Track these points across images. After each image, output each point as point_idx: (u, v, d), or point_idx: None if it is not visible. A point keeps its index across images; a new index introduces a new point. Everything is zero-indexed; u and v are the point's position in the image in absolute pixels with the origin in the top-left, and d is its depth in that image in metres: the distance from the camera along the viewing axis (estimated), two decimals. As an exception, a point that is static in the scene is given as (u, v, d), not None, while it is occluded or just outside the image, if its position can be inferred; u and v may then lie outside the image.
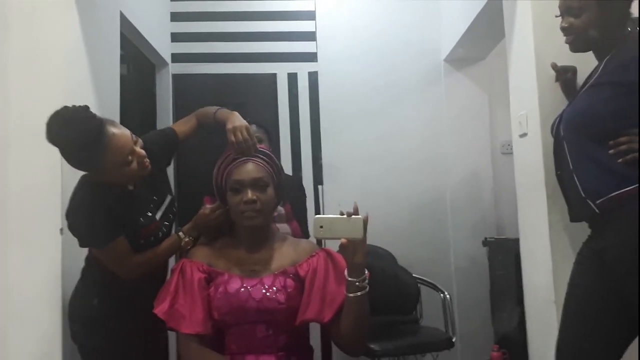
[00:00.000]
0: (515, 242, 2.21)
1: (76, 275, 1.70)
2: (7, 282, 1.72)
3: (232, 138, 1.56)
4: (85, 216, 1.53)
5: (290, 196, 2.22)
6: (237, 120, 1.63)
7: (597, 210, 1.41)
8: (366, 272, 1.34)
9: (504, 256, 2.82)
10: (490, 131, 3.29)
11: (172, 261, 1.76)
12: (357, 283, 1.32)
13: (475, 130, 3.26)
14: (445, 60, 3.27)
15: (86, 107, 1.47)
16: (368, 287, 1.34)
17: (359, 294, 1.33)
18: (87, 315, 1.65)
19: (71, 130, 1.40)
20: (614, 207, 1.38)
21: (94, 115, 1.46)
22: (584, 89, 1.55)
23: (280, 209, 1.78)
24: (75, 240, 1.73)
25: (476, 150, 3.25)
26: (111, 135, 1.45)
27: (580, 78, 1.75)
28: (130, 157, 1.50)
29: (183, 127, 1.83)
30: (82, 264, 1.71)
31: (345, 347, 1.49)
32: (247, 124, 1.61)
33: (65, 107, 1.46)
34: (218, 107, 1.78)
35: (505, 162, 3.24)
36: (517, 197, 2.12)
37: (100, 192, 1.54)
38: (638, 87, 1.36)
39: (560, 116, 1.59)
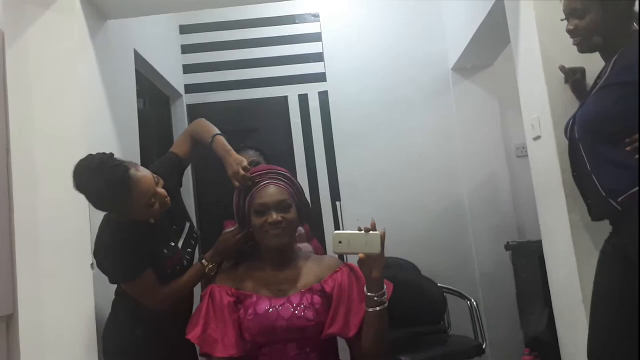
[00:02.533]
0: (538, 244, 2.21)
1: (108, 308, 1.74)
2: (41, 318, 1.76)
3: (236, 183, 1.60)
4: (112, 253, 1.58)
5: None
6: (232, 163, 1.63)
7: (619, 208, 1.42)
8: (384, 287, 1.36)
9: (527, 259, 2.81)
10: (503, 135, 3.30)
11: (197, 288, 1.79)
12: (375, 298, 1.35)
13: (488, 136, 3.28)
14: (453, 69, 3.31)
15: (111, 155, 1.51)
16: (387, 302, 1.37)
17: (377, 308, 1.36)
18: (120, 346, 1.68)
19: (98, 181, 1.44)
20: (635, 203, 1.39)
21: (119, 163, 1.49)
22: (594, 91, 1.57)
23: (300, 228, 1.81)
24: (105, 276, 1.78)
25: (491, 155, 3.26)
26: (136, 181, 1.49)
27: (589, 77, 1.77)
28: (153, 200, 1.54)
29: (182, 147, 1.84)
30: (113, 297, 1.76)
31: None
32: (241, 160, 1.62)
33: (91, 156, 1.50)
34: (215, 133, 1.76)
35: (521, 165, 3.24)
36: (536, 199, 2.12)
37: (125, 229, 1.58)
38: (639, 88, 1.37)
39: (573, 118, 1.61)
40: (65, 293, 1.78)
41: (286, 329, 1.42)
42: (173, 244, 1.71)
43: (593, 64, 1.67)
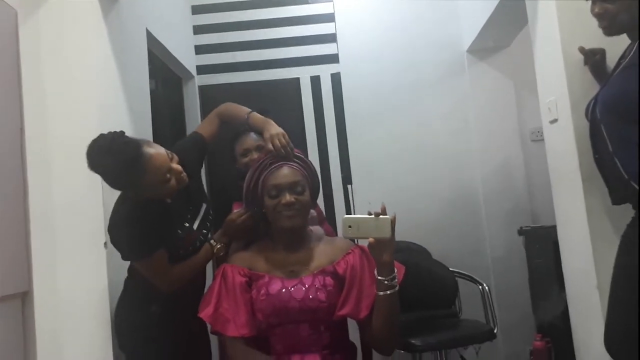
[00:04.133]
0: (552, 229, 2.18)
1: (121, 287, 1.76)
2: (56, 295, 1.78)
3: (271, 146, 1.62)
4: (126, 231, 1.59)
5: None
6: (273, 128, 1.68)
7: None
8: (395, 271, 1.36)
9: (541, 244, 2.79)
10: (518, 119, 3.25)
11: (209, 266, 1.80)
12: (386, 282, 1.35)
13: (503, 119, 3.23)
14: (468, 51, 3.25)
15: (122, 133, 1.51)
16: (397, 286, 1.37)
17: (388, 292, 1.36)
18: (132, 325, 1.70)
19: (110, 158, 1.44)
20: None
21: (130, 140, 1.49)
22: (617, 71, 1.53)
23: (312, 211, 1.81)
24: (118, 254, 1.80)
25: (505, 139, 3.21)
26: (148, 157, 1.49)
27: (609, 59, 1.73)
28: (168, 175, 1.54)
29: (208, 128, 1.87)
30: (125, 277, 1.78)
31: (377, 346, 1.52)
32: (282, 130, 1.66)
33: (102, 136, 1.50)
34: (249, 111, 1.82)
35: (536, 150, 3.19)
36: (552, 183, 2.09)
37: (140, 207, 1.58)
38: None
39: (595, 99, 1.57)
40: (79, 271, 1.79)
41: (299, 310, 1.43)
42: (188, 224, 1.71)
43: (614, 45, 1.63)
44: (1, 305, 1.71)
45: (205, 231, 1.79)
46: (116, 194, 1.78)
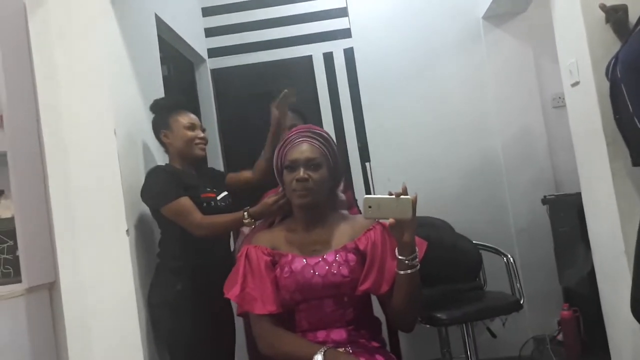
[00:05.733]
0: (577, 196, 2.13)
1: (144, 273, 1.84)
2: (81, 284, 1.81)
3: (275, 112, 1.97)
4: (155, 183, 1.86)
5: None
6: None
7: None
8: (416, 250, 1.36)
9: (565, 212, 2.74)
10: (538, 85, 3.16)
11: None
12: (407, 261, 1.34)
13: (522, 86, 3.14)
14: (484, 17, 3.16)
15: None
16: (419, 265, 1.36)
17: (409, 271, 1.35)
18: (164, 297, 1.85)
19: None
20: None
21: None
22: (638, 28, 1.47)
23: (341, 195, 1.80)
24: (141, 240, 1.83)
25: (526, 107, 3.13)
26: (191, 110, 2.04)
27: (632, 16, 1.66)
28: (197, 131, 1.99)
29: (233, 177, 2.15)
30: (148, 262, 1.88)
31: (397, 323, 1.53)
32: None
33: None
34: None
35: (557, 116, 3.12)
36: (575, 148, 2.04)
37: (166, 168, 1.94)
38: None
39: (616, 57, 1.52)
40: (103, 259, 1.82)
41: (322, 285, 1.43)
42: (209, 190, 1.97)
43: (636, 1, 1.57)
44: (30, 296, 1.75)
45: (224, 204, 1.98)
46: (136, 181, 1.85)
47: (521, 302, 2.52)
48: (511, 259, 2.76)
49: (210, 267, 1.86)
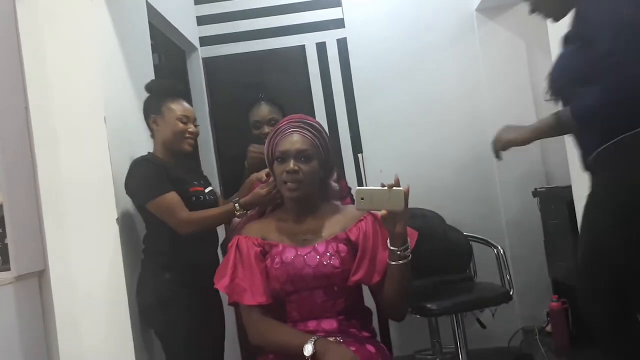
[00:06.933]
0: (567, 189, 2.15)
1: (133, 262, 1.81)
2: (71, 273, 1.79)
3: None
4: (140, 176, 1.79)
5: None
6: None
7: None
8: (408, 241, 1.37)
9: (556, 205, 2.75)
10: (531, 78, 3.17)
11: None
12: (398, 252, 1.35)
13: (515, 79, 3.15)
14: (477, 10, 3.15)
15: None
16: (410, 256, 1.37)
17: (401, 262, 1.36)
18: (153, 290, 1.83)
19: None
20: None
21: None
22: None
23: (335, 184, 1.79)
24: (131, 228, 1.81)
25: (518, 100, 3.14)
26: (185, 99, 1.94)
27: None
28: (187, 123, 1.88)
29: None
30: (139, 250, 1.86)
31: (388, 312, 1.55)
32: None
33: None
34: None
35: (549, 109, 3.11)
36: (566, 141, 2.05)
37: (152, 160, 1.85)
38: None
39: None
40: (92, 248, 1.80)
41: (313, 276, 1.43)
42: (196, 183, 1.91)
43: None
44: (18, 285, 1.73)
45: (211, 197, 1.93)
46: (127, 166, 1.82)
47: (511, 293, 2.55)
48: (501, 250, 2.78)
49: (199, 257, 1.85)
